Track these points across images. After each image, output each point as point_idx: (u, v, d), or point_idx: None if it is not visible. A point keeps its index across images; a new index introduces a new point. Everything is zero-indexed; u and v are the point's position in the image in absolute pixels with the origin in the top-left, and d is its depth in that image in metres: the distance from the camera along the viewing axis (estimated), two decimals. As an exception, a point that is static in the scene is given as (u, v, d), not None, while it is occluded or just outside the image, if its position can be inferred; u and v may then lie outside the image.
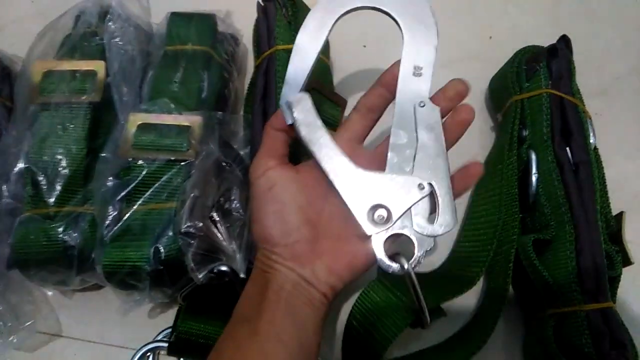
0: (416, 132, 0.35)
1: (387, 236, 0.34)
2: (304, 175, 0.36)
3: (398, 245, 0.35)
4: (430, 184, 0.34)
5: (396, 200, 0.34)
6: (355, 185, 0.34)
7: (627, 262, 0.43)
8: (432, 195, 0.34)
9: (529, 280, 0.43)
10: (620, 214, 0.45)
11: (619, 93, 0.55)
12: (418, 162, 0.35)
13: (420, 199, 0.34)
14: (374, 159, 0.36)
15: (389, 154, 0.35)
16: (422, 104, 0.36)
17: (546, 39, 0.51)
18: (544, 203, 0.44)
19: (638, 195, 0.51)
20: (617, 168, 0.50)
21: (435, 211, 0.34)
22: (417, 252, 0.33)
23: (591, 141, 0.46)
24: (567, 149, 0.45)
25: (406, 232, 0.34)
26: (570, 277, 0.41)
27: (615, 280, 0.43)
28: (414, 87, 0.36)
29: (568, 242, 0.42)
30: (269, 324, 0.31)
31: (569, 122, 0.46)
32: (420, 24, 0.37)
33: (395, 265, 0.33)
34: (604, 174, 0.47)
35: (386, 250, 0.34)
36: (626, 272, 0.43)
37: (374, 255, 0.34)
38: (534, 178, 0.46)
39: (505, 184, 0.45)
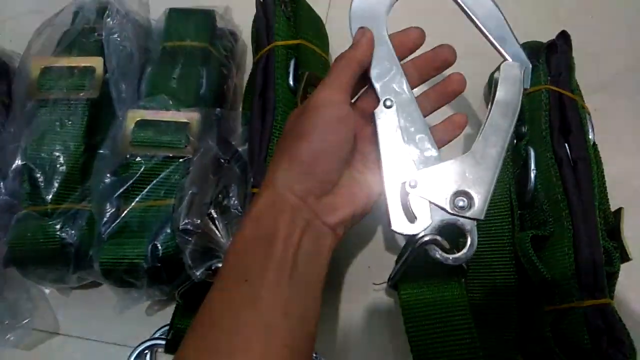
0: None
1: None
2: (356, 115, 0.36)
3: None
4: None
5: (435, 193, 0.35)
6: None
7: (625, 258, 0.43)
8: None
9: (527, 277, 0.43)
10: (619, 210, 0.44)
11: (618, 89, 0.54)
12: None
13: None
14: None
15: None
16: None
17: (546, 35, 0.51)
18: (543, 199, 0.44)
19: (637, 192, 0.50)
20: (616, 164, 0.49)
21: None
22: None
23: (590, 137, 0.46)
24: (566, 145, 0.45)
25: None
26: (568, 274, 0.41)
27: (613, 277, 0.42)
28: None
29: (566, 238, 0.42)
30: (274, 290, 0.28)
31: (568, 118, 0.46)
32: None
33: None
34: (602, 170, 0.46)
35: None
36: (624, 268, 0.43)
37: (373, 195, 0.35)
38: (532, 174, 0.46)
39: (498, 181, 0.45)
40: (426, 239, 0.35)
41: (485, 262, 0.46)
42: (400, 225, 0.35)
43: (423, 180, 0.35)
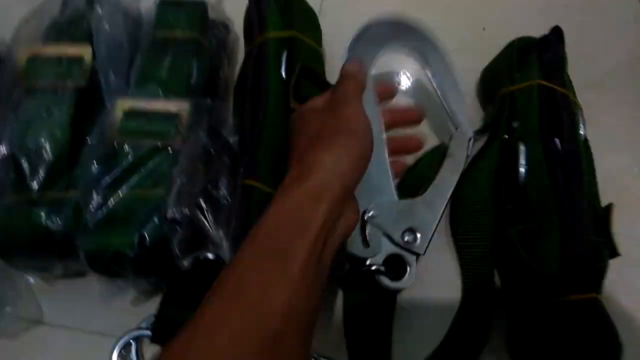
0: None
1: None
2: None
3: None
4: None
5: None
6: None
7: (614, 253, 0.43)
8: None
9: (515, 271, 0.43)
10: (609, 206, 0.44)
11: (610, 86, 0.54)
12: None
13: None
14: None
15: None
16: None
17: (539, 31, 0.51)
18: (532, 194, 0.44)
19: (627, 188, 0.50)
20: (607, 161, 0.49)
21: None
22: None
23: (581, 132, 0.46)
24: (557, 140, 0.45)
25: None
26: (556, 268, 0.41)
27: (601, 272, 0.42)
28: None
29: (554, 233, 0.42)
30: (303, 269, 0.29)
31: (559, 114, 0.46)
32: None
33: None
34: (593, 166, 0.46)
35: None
36: (613, 264, 0.43)
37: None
38: (522, 170, 0.46)
39: (479, 181, 0.47)
40: (373, 268, 0.41)
41: (470, 256, 0.46)
42: (356, 247, 0.41)
43: (381, 213, 0.41)
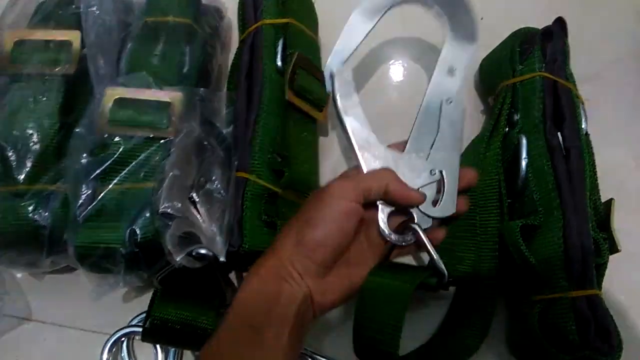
0: (438, 124, 0.40)
1: (391, 209, 0.38)
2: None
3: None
4: (441, 172, 0.39)
5: (409, 179, 0.38)
6: (375, 159, 0.39)
7: (614, 249, 0.43)
8: (439, 182, 0.39)
9: (515, 266, 0.42)
10: (610, 201, 0.44)
11: (610, 79, 0.54)
12: (434, 151, 0.40)
13: (430, 183, 0.39)
14: None
15: (409, 138, 0.40)
16: (449, 101, 0.41)
17: (538, 21, 0.50)
18: (534, 188, 0.43)
19: (624, 183, 0.50)
20: (606, 155, 0.49)
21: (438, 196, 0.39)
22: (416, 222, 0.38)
23: (583, 126, 0.45)
24: (559, 133, 0.44)
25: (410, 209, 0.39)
26: (557, 264, 0.40)
27: (601, 268, 0.42)
28: (446, 86, 0.41)
29: (556, 228, 0.41)
30: (277, 339, 0.32)
31: (561, 107, 0.45)
32: (463, 26, 0.42)
33: (394, 236, 0.38)
34: (594, 160, 0.46)
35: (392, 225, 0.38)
36: (613, 260, 0.42)
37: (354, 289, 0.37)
38: (523, 163, 0.45)
39: (485, 174, 0.45)
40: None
41: (471, 250, 0.45)
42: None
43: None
